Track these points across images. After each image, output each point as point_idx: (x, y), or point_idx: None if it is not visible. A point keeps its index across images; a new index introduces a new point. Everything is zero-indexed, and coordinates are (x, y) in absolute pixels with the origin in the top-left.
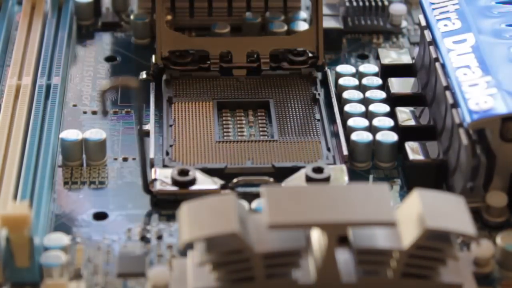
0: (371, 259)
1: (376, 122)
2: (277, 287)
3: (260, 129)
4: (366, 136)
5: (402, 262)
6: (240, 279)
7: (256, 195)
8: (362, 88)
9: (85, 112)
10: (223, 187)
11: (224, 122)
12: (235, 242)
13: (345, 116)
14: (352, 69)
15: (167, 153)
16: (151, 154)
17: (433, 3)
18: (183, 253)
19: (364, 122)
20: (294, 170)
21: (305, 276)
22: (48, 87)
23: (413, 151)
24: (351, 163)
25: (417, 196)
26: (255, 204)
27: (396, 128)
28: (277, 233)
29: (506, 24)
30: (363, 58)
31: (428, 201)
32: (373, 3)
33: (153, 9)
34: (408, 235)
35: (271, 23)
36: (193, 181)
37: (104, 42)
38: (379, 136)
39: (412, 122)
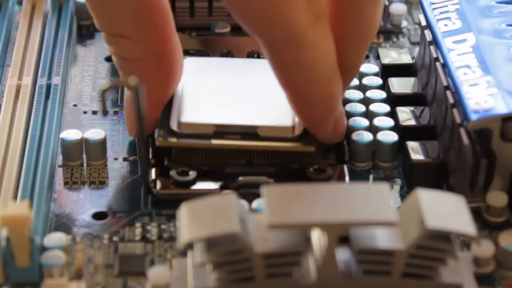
0: (371, 259)
1: (377, 122)
2: (277, 287)
3: None
4: (367, 136)
5: (402, 262)
6: (240, 279)
7: (256, 195)
8: (362, 88)
9: (85, 112)
10: (223, 187)
11: None
12: (235, 242)
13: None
14: None
15: (167, 153)
16: (151, 153)
17: (433, 3)
18: (183, 253)
19: (365, 122)
20: (294, 170)
21: (306, 276)
22: (48, 87)
23: (414, 151)
24: (351, 163)
25: (417, 196)
26: (255, 204)
27: (397, 128)
28: (277, 233)
29: (506, 24)
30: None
31: (429, 201)
32: None
33: None
34: (408, 235)
35: None
36: (193, 181)
37: (104, 42)
38: (380, 136)
39: (412, 122)
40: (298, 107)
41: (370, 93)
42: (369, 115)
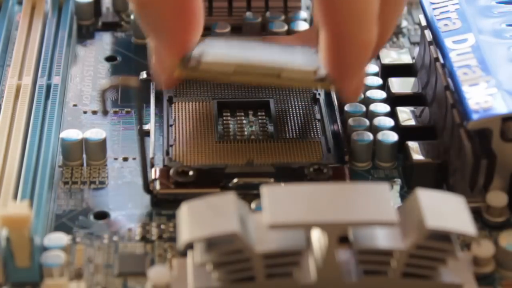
0: (371, 259)
1: (377, 122)
2: (277, 287)
3: (261, 129)
4: (367, 136)
5: (402, 262)
6: (240, 279)
7: (256, 195)
8: None
9: (85, 112)
10: (223, 187)
11: (224, 122)
12: (235, 242)
13: (345, 116)
14: None
15: (167, 153)
16: (151, 153)
17: (433, 3)
18: (183, 253)
19: (365, 122)
20: (294, 170)
21: (306, 276)
22: (48, 87)
23: (414, 151)
24: (351, 163)
25: (417, 196)
26: (255, 204)
27: (397, 128)
28: (277, 233)
29: (506, 24)
30: None
31: (429, 201)
32: None
33: None
34: (408, 235)
35: (271, 23)
36: (193, 181)
37: (104, 42)
38: (380, 136)
39: (412, 122)
40: (335, 49)
41: (370, 93)
42: (369, 115)
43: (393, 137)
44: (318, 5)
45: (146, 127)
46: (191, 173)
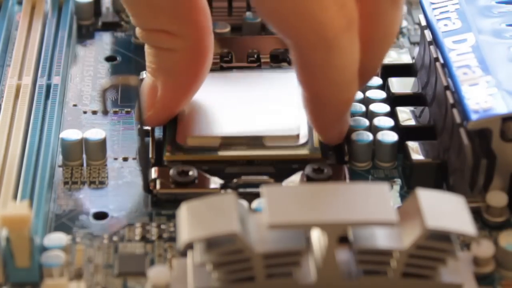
0: (371, 259)
1: (377, 122)
2: (277, 287)
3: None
4: (367, 136)
5: (402, 262)
6: (240, 279)
7: (256, 195)
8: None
9: (85, 112)
10: (223, 187)
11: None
12: (235, 242)
13: None
14: None
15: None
16: (151, 153)
17: (433, 3)
18: (183, 253)
19: (365, 122)
20: (294, 170)
21: (306, 276)
22: (48, 87)
23: (414, 151)
24: (351, 163)
25: (417, 196)
26: (255, 204)
27: (396, 128)
28: (277, 233)
29: (506, 24)
30: None
31: (428, 201)
32: None
33: None
34: (408, 235)
35: None
36: (193, 181)
37: (104, 42)
38: (380, 136)
39: (412, 122)
40: (313, 108)
41: (370, 93)
42: (369, 115)
43: (393, 137)
44: (295, 67)
45: (146, 126)
46: (191, 173)
